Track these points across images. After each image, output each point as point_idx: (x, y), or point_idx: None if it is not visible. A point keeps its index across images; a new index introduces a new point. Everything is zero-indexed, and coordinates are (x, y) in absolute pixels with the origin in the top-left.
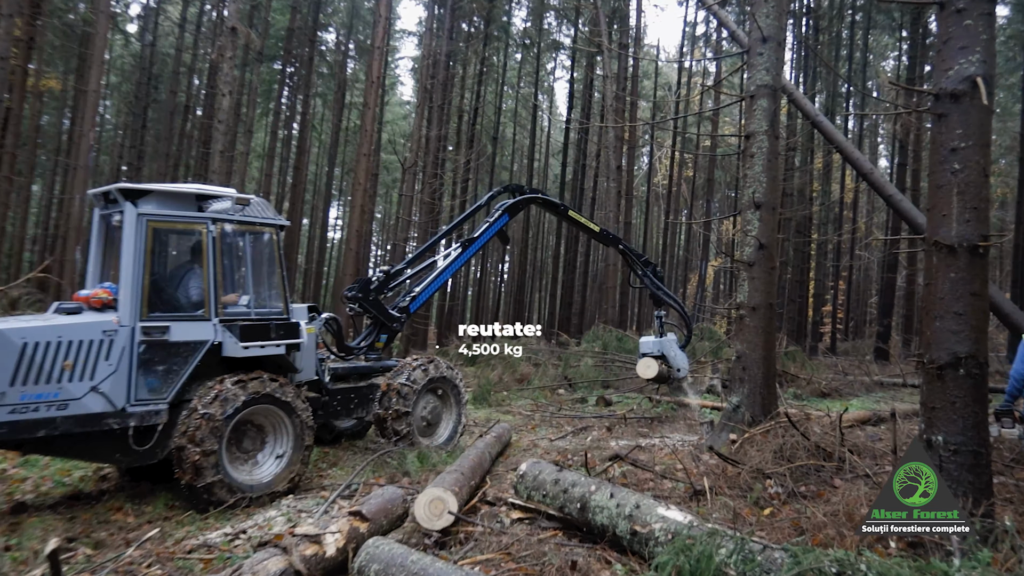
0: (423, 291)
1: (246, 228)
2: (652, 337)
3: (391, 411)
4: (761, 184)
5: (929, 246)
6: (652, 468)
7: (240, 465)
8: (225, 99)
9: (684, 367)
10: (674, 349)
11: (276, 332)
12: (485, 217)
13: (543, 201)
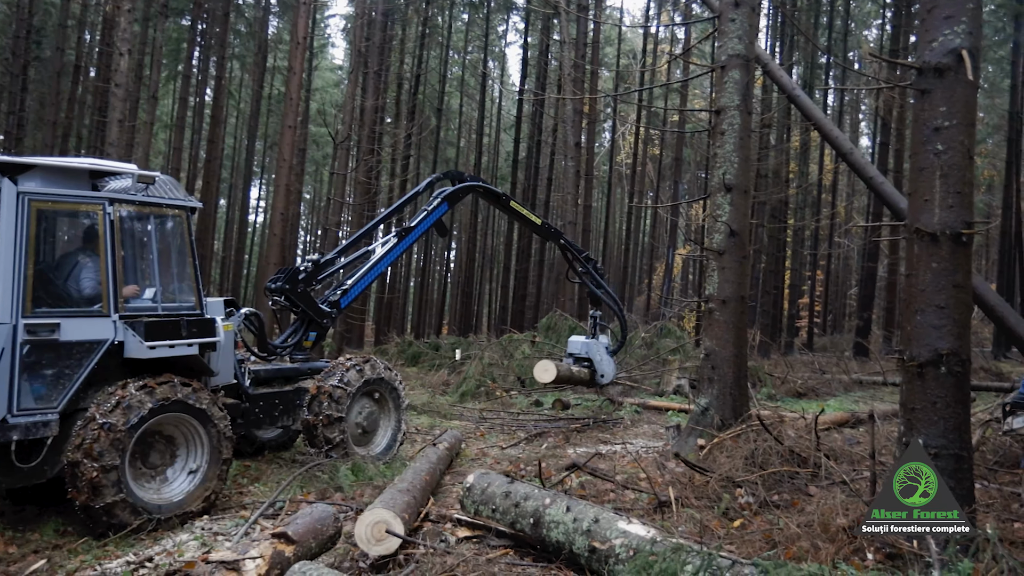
0: (356, 284)
1: (151, 210)
2: (582, 338)
3: (321, 417)
4: (732, 164)
5: (910, 234)
6: (613, 478)
7: (146, 482)
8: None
9: (609, 373)
10: (601, 353)
11: (188, 329)
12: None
13: (484, 190)
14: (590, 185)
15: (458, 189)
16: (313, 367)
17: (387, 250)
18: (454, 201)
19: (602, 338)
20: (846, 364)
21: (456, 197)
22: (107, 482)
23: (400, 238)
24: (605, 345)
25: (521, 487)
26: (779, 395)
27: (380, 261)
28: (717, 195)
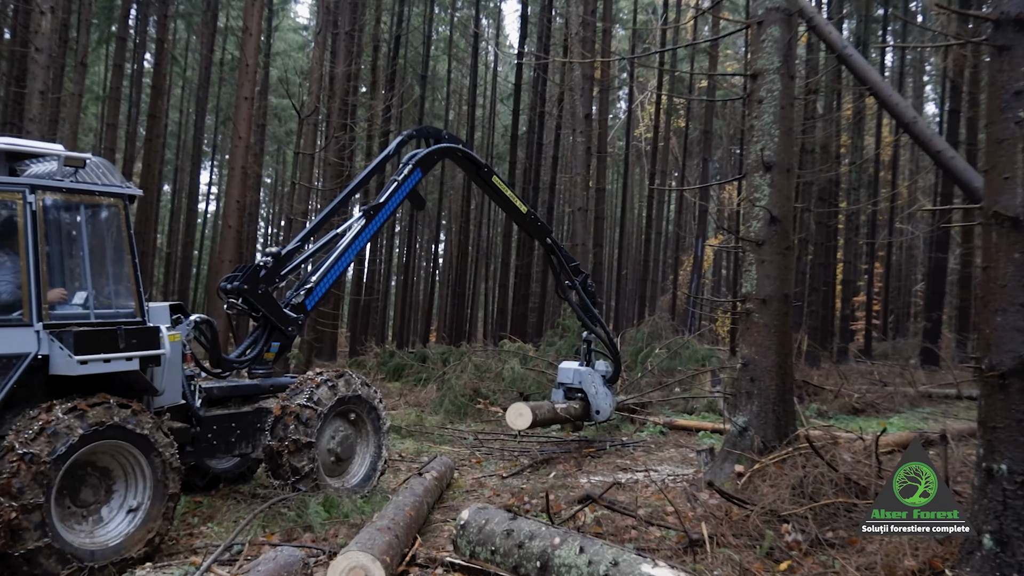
0: (321, 280)
1: (81, 199)
2: (574, 364)
3: (287, 443)
4: (772, 138)
5: (987, 218)
6: (635, 512)
7: (77, 524)
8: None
9: (605, 409)
10: (597, 385)
11: (126, 340)
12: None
13: (463, 155)
14: (603, 164)
15: (433, 152)
16: (277, 383)
17: (355, 234)
18: (428, 166)
19: (599, 365)
20: (912, 374)
21: (431, 161)
22: (29, 524)
23: (369, 218)
24: (602, 373)
25: (525, 524)
26: (831, 412)
27: (347, 249)
28: (755, 175)
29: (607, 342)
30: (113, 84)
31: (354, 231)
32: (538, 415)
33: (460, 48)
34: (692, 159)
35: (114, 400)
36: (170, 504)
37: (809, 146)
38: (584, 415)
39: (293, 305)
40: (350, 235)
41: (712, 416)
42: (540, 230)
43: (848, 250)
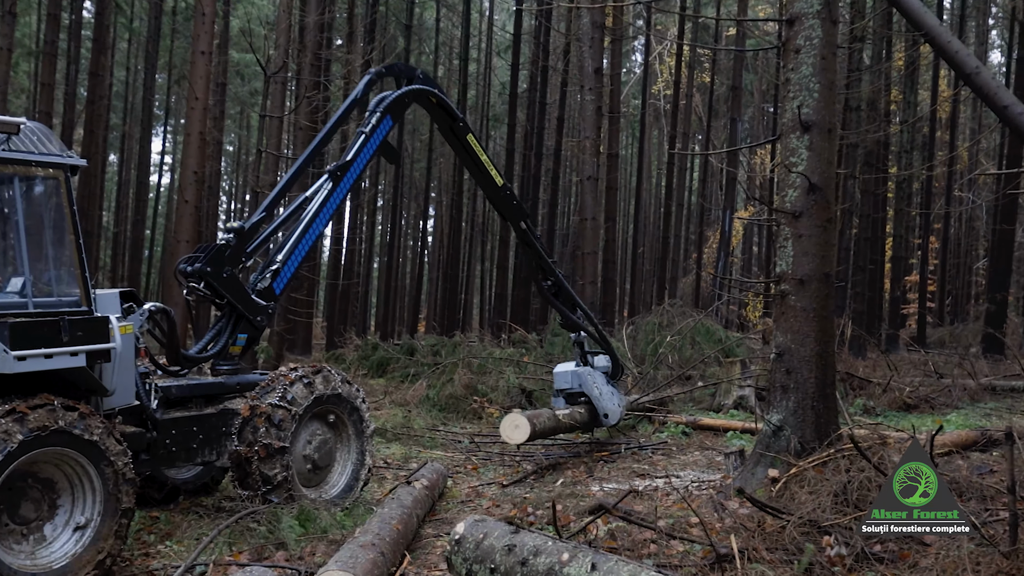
0: (288, 259)
1: (14, 170)
2: (570, 365)
3: (257, 448)
4: (811, 94)
5: None
6: (654, 524)
7: (16, 543)
8: None
9: (614, 410)
10: (600, 385)
11: (70, 333)
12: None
13: (437, 102)
14: (616, 126)
15: (403, 95)
16: (244, 381)
17: (322, 201)
18: (399, 112)
19: (598, 361)
20: (972, 364)
21: (401, 106)
22: None
23: (336, 180)
24: (603, 369)
25: (529, 538)
26: (879, 408)
27: (315, 220)
28: (791, 136)
29: (600, 339)
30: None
31: (321, 197)
32: (537, 426)
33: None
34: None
35: (59, 402)
36: (123, 520)
37: (854, 103)
38: (592, 421)
39: (259, 291)
40: (316, 202)
41: (741, 415)
42: (515, 210)
43: (899, 222)
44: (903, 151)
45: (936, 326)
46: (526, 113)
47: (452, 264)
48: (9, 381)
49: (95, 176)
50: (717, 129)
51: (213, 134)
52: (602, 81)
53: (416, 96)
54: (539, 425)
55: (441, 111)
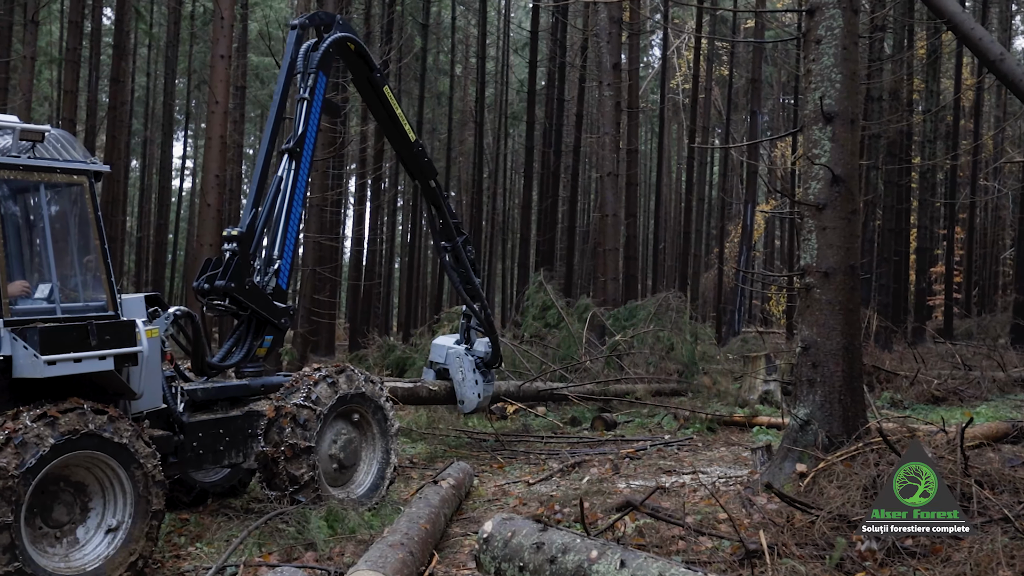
0: (284, 253)
1: (40, 177)
2: (450, 340)
3: (283, 448)
4: (833, 84)
5: None
6: (682, 520)
7: (50, 546)
8: None
9: (471, 399)
10: (465, 369)
11: (98, 337)
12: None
13: (356, 49)
14: (635, 121)
15: (328, 47)
16: (269, 383)
17: (291, 184)
18: (329, 65)
19: (478, 344)
20: (1001, 356)
21: (329, 59)
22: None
23: (296, 157)
24: (479, 356)
25: (557, 535)
26: (907, 401)
27: (291, 204)
28: (813, 128)
29: (483, 321)
30: (70, 44)
31: (289, 180)
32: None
33: None
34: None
35: (88, 405)
36: (154, 522)
37: (876, 93)
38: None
39: (271, 293)
40: (288, 185)
41: (768, 409)
42: (424, 167)
43: (923, 213)
44: (927, 141)
45: (963, 317)
46: (544, 110)
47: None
48: (39, 385)
49: (118, 181)
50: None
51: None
52: (620, 76)
53: (340, 44)
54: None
55: (360, 60)
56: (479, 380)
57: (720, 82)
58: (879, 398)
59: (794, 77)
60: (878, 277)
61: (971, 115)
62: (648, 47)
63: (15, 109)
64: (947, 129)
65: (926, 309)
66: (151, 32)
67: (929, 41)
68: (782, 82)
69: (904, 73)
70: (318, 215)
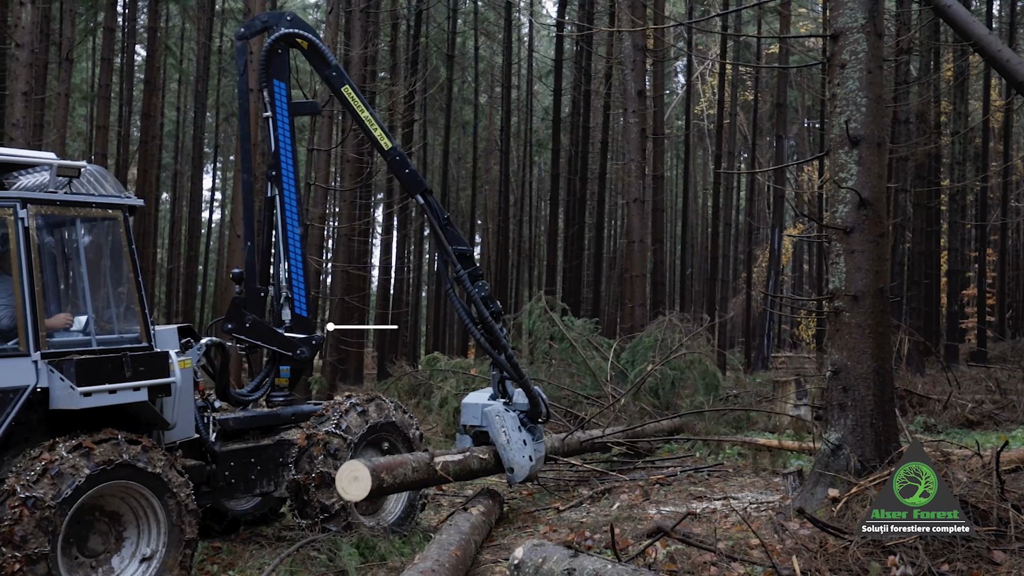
0: (293, 283)
1: (77, 212)
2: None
3: (314, 476)
4: (859, 108)
5: None
6: (714, 546)
7: (86, 575)
8: (24, 10)
9: (521, 465)
10: (509, 429)
11: (133, 368)
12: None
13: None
14: (660, 148)
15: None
16: (299, 412)
17: (280, 208)
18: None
19: (519, 395)
20: None
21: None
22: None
23: (276, 180)
24: (524, 407)
25: (588, 561)
26: (940, 425)
27: (286, 227)
28: (839, 151)
29: (510, 370)
30: (102, 81)
31: (278, 205)
32: (386, 480)
33: (489, 21)
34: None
35: (122, 435)
36: (187, 551)
37: (902, 115)
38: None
39: (289, 325)
40: (277, 210)
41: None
42: (408, 179)
43: (953, 235)
44: (955, 163)
45: (997, 340)
46: (570, 138)
47: (499, 290)
48: (73, 416)
49: (149, 214)
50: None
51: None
52: (645, 103)
53: (287, 42)
54: (390, 480)
55: (315, 56)
56: (527, 440)
57: (745, 107)
58: (912, 422)
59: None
60: (909, 300)
61: (1000, 136)
62: (672, 73)
63: (51, 145)
64: (976, 151)
65: (958, 332)
66: (181, 67)
67: (956, 63)
68: (807, 106)
69: (931, 95)
70: (346, 245)
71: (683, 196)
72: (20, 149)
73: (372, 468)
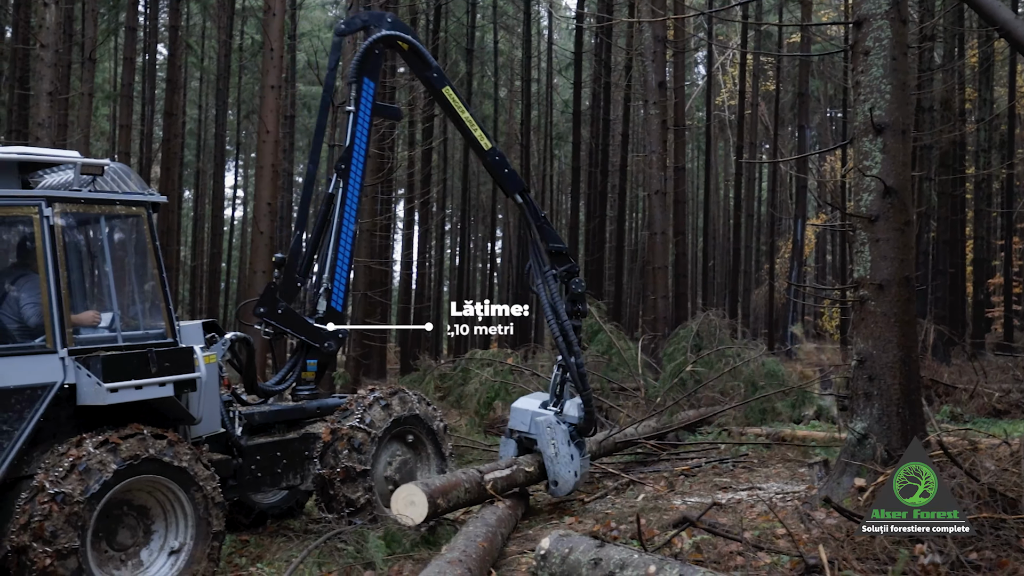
0: (336, 275)
1: (101, 210)
2: (535, 403)
3: (339, 470)
4: (883, 96)
5: None
6: (740, 536)
7: (115, 569)
8: (48, 11)
9: (566, 479)
10: (559, 442)
11: (158, 364)
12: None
13: (409, 47)
14: (681, 140)
15: (369, 48)
16: (324, 405)
17: (341, 201)
18: (374, 68)
19: (569, 408)
20: None
21: (371, 59)
22: (65, 571)
23: (344, 174)
24: (574, 421)
25: (615, 551)
26: (967, 414)
27: (343, 222)
28: (863, 139)
29: (577, 378)
30: (124, 80)
31: (339, 197)
32: (441, 504)
33: (508, 15)
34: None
35: (148, 431)
36: (215, 544)
37: (927, 103)
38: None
39: (321, 316)
40: (337, 203)
41: (823, 425)
42: (506, 179)
43: (979, 224)
44: (980, 150)
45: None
46: (590, 130)
47: (522, 283)
48: (100, 412)
49: (172, 212)
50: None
51: (284, 165)
52: (666, 95)
53: (387, 43)
54: (445, 502)
55: (415, 58)
56: (574, 455)
57: (766, 97)
58: (938, 412)
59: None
60: (934, 290)
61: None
62: (693, 64)
63: (75, 144)
64: (1002, 138)
65: (985, 321)
66: (202, 65)
67: (981, 49)
68: (829, 95)
69: (955, 82)
70: (368, 240)
71: (705, 188)
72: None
73: (429, 493)
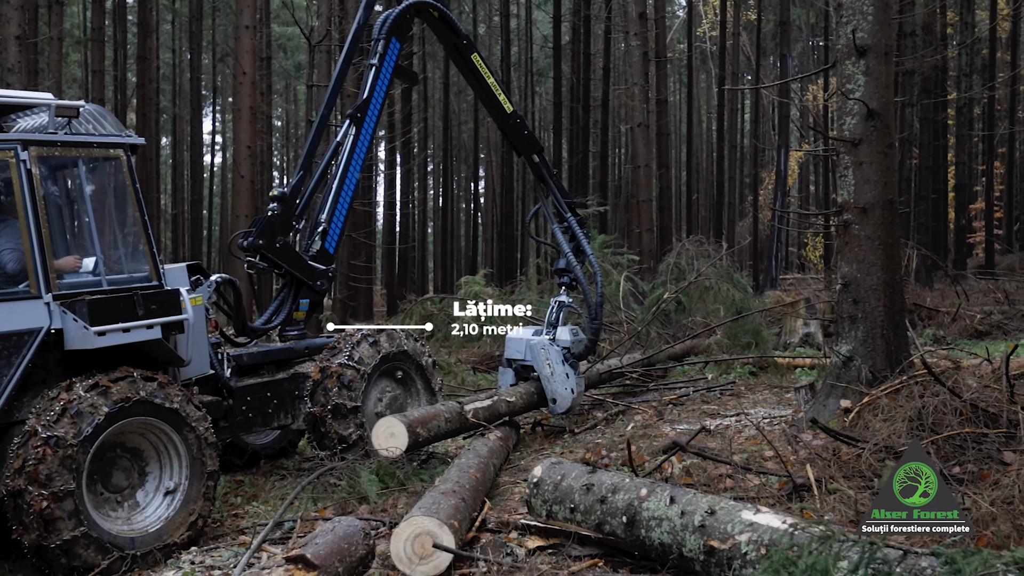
0: (333, 217)
1: (79, 152)
2: (528, 332)
3: (330, 408)
4: (866, 17)
5: None
6: (729, 459)
7: (112, 510)
8: None
9: (564, 396)
10: (553, 362)
11: (144, 306)
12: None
13: (440, 15)
14: (663, 72)
15: (403, 11)
16: (312, 345)
17: (350, 148)
18: (403, 31)
19: (562, 333)
20: None
21: (403, 24)
22: (62, 513)
23: (358, 123)
24: (566, 344)
25: (607, 477)
26: (950, 336)
27: (348, 169)
28: (846, 62)
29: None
30: (95, 24)
31: (348, 145)
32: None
33: None
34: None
35: (138, 373)
36: (210, 483)
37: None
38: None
39: (314, 255)
40: (345, 151)
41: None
42: (526, 141)
43: (961, 149)
44: (962, 75)
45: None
46: (571, 65)
47: (506, 224)
48: (89, 356)
49: (150, 159)
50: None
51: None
52: (647, 26)
53: (418, 10)
54: (425, 432)
55: (445, 27)
56: (569, 373)
57: (748, 27)
58: (922, 335)
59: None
60: (917, 216)
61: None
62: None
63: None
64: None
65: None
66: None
67: None
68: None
69: (937, 6)
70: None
71: (687, 121)
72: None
73: (407, 424)
